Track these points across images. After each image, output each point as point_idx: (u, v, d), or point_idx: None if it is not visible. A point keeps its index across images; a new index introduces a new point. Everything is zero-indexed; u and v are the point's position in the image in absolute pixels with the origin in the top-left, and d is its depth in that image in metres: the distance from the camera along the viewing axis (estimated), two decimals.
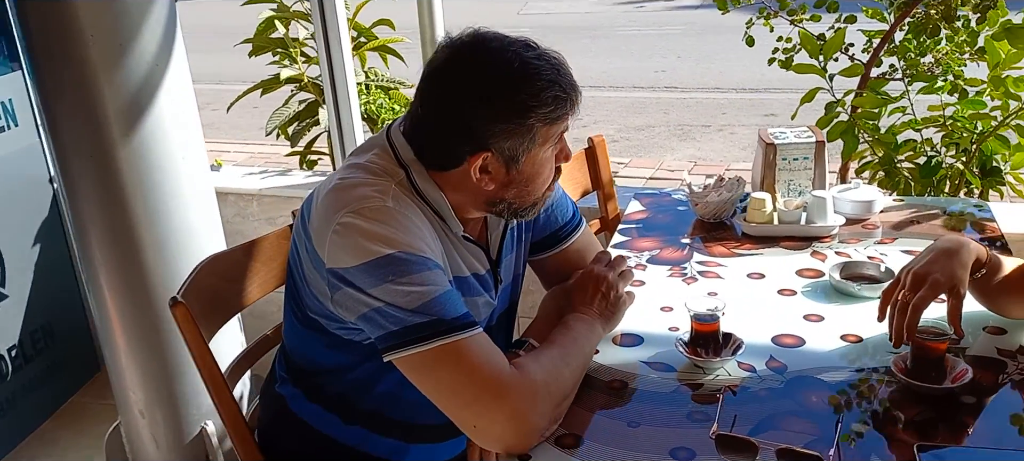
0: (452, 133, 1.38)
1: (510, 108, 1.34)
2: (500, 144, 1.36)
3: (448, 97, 1.37)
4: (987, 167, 2.67)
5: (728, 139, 6.60)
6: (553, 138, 1.41)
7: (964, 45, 2.81)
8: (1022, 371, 1.42)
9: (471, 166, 1.38)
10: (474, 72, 1.36)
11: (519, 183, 1.42)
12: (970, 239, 1.51)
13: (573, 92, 1.39)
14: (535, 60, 1.36)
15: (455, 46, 1.39)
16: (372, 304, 1.31)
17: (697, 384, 1.45)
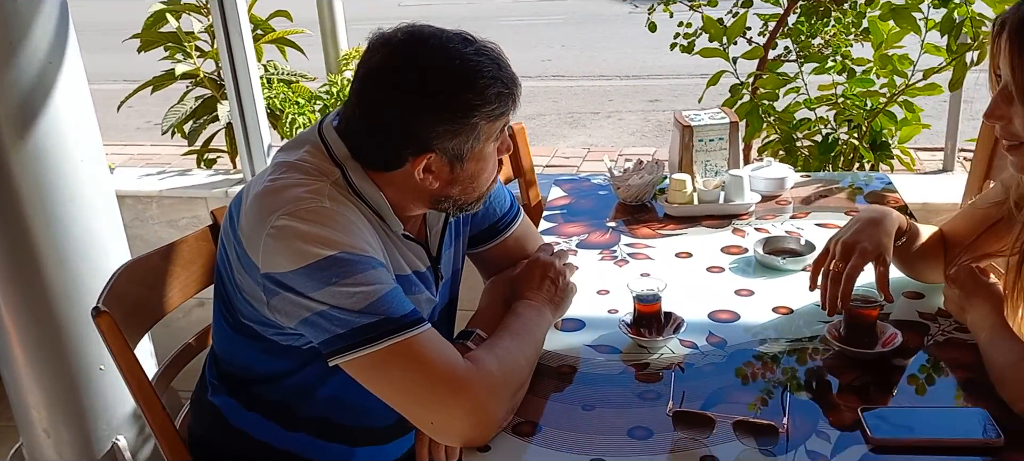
0: (393, 136, 1.34)
1: (454, 109, 1.31)
2: (444, 144, 1.33)
3: (387, 100, 1.32)
4: (877, 142, 2.81)
5: (617, 125, 6.74)
6: (496, 134, 1.39)
7: (850, 27, 2.95)
8: (945, 332, 1.50)
9: (414, 167, 1.35)
10: (414, 73, 1.31)
11: (464, 180, 1.40)
12: (891, 209, 1.58)
13: (515, 86, 1.37)
14: (475, 56, 1.33)
15: (392, 44, 1.33)
16: (315, 308, 1.26)
17: (643, 364, 1.47)
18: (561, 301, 1.58)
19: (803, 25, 2.87)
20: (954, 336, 1.49)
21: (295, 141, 1.46)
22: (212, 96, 2.99)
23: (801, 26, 2.87)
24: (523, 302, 1.52)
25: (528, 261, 1.62)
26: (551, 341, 1.54)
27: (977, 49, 2.58)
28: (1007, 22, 1.24)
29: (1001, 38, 1.25)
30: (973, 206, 1.60)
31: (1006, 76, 1.25)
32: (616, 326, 1.55)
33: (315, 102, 2.90)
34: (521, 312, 1.49)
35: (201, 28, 2.97)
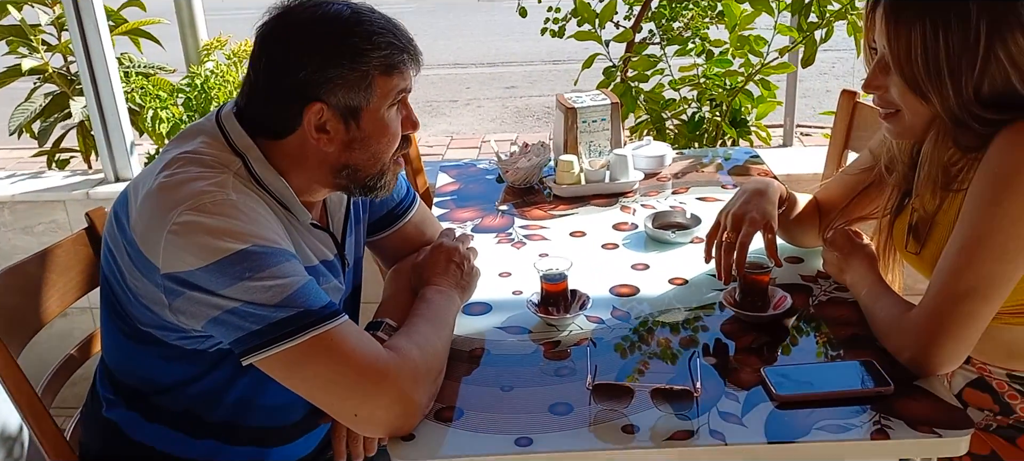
0: (284, 89, 1.30)
1: (341, 52, 1.29)
2: (335, 94, 1.30)
3: (277, 49, 1.30)
4: (737, 119, 2.97)
5: (476, 113, 6.78)
6: (393, 93, 1.35)
7: (707, 10, 3.10)
8: (826, 293, 1.61)
9: (307, 123, 1.31)
10: (303, 20, 1.30)
11: (361, 144, 1.36)
12: (772, 179, 1.68)
13: (410, 46, 1.36)
14: (368, 12, 1.34)
15: (285, 4, 1.33)
16: (225, 305, 1.21)
17: (553, 341, 1.50)
18: (467, 285, 1.58)
19: (665, 9, 2.99)
20: (835, 295, 1.60)
21: (188, 132, 1.39)
22: (63, 92, 2.79)
23: (663, 10, 2.99)
24: (431, 288, 1.51)
25: (432, 247, 1.61)
26: (460, 326, 1.54)
27: (825, 27, 2.76)
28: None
29: (876, 12, 1.35)
30: (844, 173, 1.73)
31: (882, 48, 1.35)
32: (523, 307, 1.57)
33: (177, 95, 2.76)
34: (431, 298, 1.48)
35: (48, 20, 2.77)
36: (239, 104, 1.38)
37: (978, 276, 1.26)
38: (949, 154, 1.35)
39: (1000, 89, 1.28)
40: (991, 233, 1.25)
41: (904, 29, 1.30)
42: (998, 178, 1.26)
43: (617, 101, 2.19)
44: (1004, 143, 1.26)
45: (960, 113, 1.29)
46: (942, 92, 1.29)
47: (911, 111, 1.35)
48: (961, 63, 1.27)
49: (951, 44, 1.27)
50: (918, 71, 1.30)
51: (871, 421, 1.24)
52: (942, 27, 1.27)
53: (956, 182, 1.35)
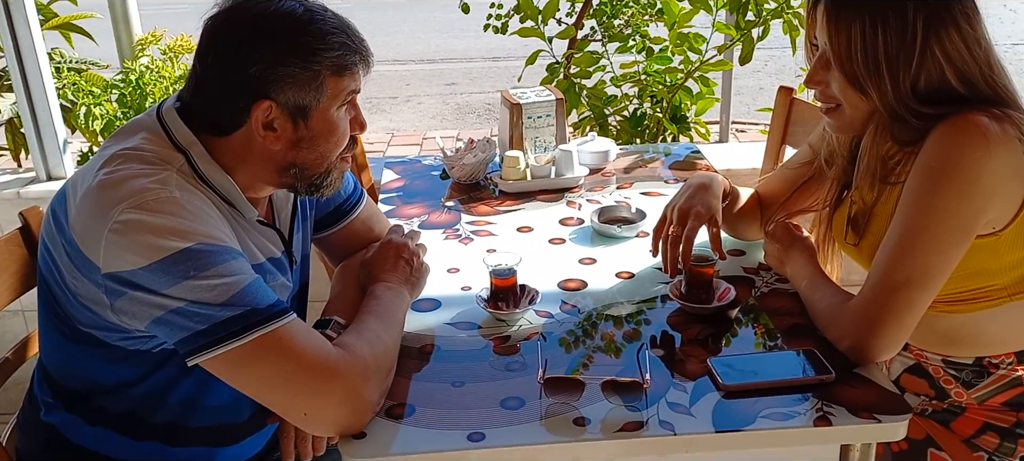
0: (232, 84, 1.28)
1: (293, 51, 1.27)
2: (285, 93, 1.28)
3: (227, 44, 1.28)
4: (677, 115, 3.01)
5: (417, 110, 6.75)
6: (343, 94, 1.34)
7: (647, 8, 3.13)
8: (768, 284, 1.65)
9: (254, 120, 1.29)
10: (256, 17, 1.28)
11: (308, 143, 1.34)
12: (716, 174, 1.71)
13: (362, 48, 1.35)
14: (321, 11, 1.32)
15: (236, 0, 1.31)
16: (170, 305, 1.19)
17: (503, 336, 1.50)
18: (417, 281, 1.58)
19: (606, 6, 3.02)
20: (776, 287, 1.63)
21: (128, 128, 1.36)
22: None
23: (604, 7, 3.01)
24: (381, 284, 1.50)
25: (381, 243, 1.60)
26: (409, 322, 1.53)
27: (762, 25, 2.82)
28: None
29: (817, 9, 1.38)
30: (784, 167, 1.77)
31: (822, 44, 1.39)
32: (472, 302, 1.58)
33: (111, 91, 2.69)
34: (380, 295, 1.48)
35: None
36: (182, 99, 1.35)
37: (915, 266, 1.31)
38: (887, 148, 1.40)
39: (936, 84, 1.33)
40: (927, 225, 1.30)
41: (844, 25, 1.33)
42: (933, 171, 1.30)
43: (561, 97, 2.21)
44: (939, 137, 1.31)
45: (898, 107, 1.34)
46: (880, 87, 1.33)
47: (851, 106, 1.39)
48: (898, 58, 1.31)
49: (889, 40, 1.31)
50: (857, 66, 1.34)
51: (814, 408, 1.27)
52: (880, 23, 1.31)
53: (893, 175, 1.40)
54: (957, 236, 1.30)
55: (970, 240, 1.32)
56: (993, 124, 1.28)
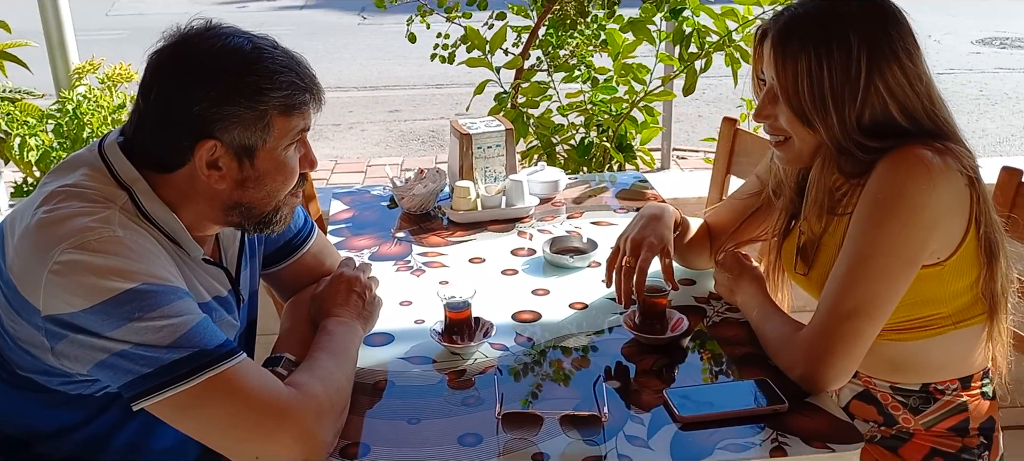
0: (176, 122, 1.25)
1: (240, 90, 1.25)
2: (230, 132, 1.26)
3: (171, 80, 1.25)
4: (623, 144, 3.04)
5: (360, 137, 6.70)
6: (292, 133, 1.32)
7: (591, 38, 3.17)
8: (719, 314, 1.67)
9: (198, 159, 1.26)
10: (202, 53, 1.25)
11: (254, 183, 1.32)
12: (667, 204, 1.73)
13: (313, 86, 1.33)
14: (269, 48, 1.29)
15: (182, 32, 1.28)
16: (113, 348, 1.15)
17: (459, 370, 1.49)
18: (370, 315, 1.56)
19: (552, 37, 3.04)
20: (727, 316, 1.65)
21: (68, 164, 1.32)
22: None
23: (550, 38, 3.04)
24: (333, 320, 1.48)
25: (332, 277, 1.58)
26: (362, 357, 1.51)
27: (704, 58, 2.87)
28: (769, 32, 1.41)
29: (763, 46, 1.42)
30: (733, 198, 1.79)
31: (770, 79, 1.42)
32: (426, 336, 1.56)
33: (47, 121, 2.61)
34: (333, 330, 1.45)
35: None
36: (125, 133, 1.32)
37: (863, 296, 1.33)
38: (834, 180, 1.43)
39: (880, 118, 1.36)
40: (874, 255, 1.33)
41: (790, 61, 1.37)
42: (878, 203, 1.33)
43: (511, 127, 2.21)
44: (884, 170, 1.34)
45: (844, 141, 1.37)
46: (827, 120, 1.37)
47: (799, 138, 1.42)
48: (844, 93, 1.35)
49: (834, 75, 1.34)
50: (804, 100, 1.37)
51: (769, 439, 1.29)
52: (825, 59, 1.34)
53: (840, 206, 1.43)
54: (903, 266, 1.34)
55: (915, 270, 1.35)
56: (936, 157, 1.32)
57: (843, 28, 1.35)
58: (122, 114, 2.72)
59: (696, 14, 2.83)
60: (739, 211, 1.74)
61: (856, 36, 1.34)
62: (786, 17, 1.39)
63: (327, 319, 1.48)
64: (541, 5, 2.96)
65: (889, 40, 1.35)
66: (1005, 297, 1.44)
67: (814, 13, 1.38)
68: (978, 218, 1.37)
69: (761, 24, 1.45)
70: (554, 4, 2.97)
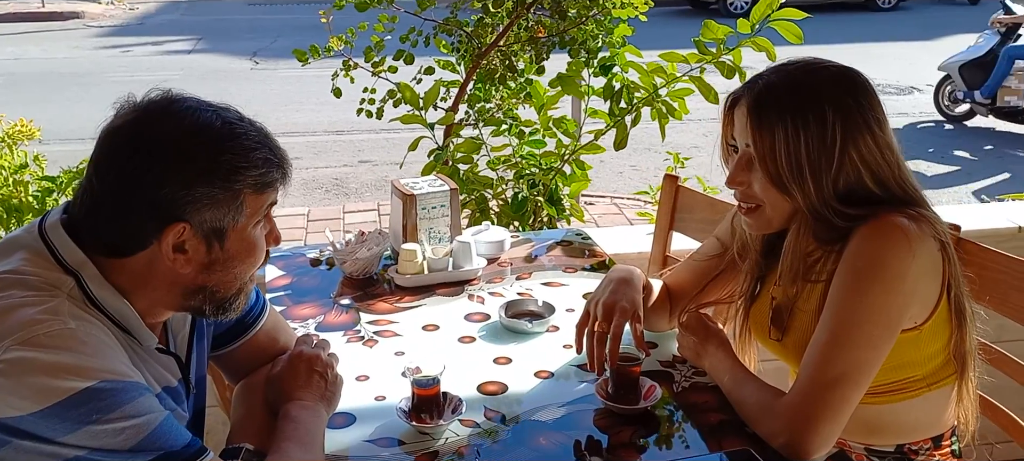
0: (139, 204, 1.14)
1: (214, 171, 1.16)
2: (200, 214, 1.16)
3: (135, 161, 1.14)
4: (553, 197, 3.03)
5: None
6: (262, 211, 1.24)
7: (517, 92, 3.16)
8: (687, 379, 1.64)
9: (163, 245, 1.16)
10: (169, 130, 1.15)
11: (222, 265, 1.22)
12: (634, 267, 1.70)
13: (283, 160, 1.25)
14: (238, 121, 1.21)
15: (142, 106, 1.18)
16: (66, 454, 1.04)
17: (431, 452, 1.40)
18: (332, 396, 1.46)
19: (480, 91, 3.01)
20: (696, 381, 1.62)
21: (3, 247, 1.18)
22: None
23: (478, 92, 3.01)
24: (296, 404, 1.37)
25: (290, 357, 1.47)
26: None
27: (634, 113, 2.89)
28: (740, 99, 1.41)
29: (734, 111, 1.42)
30: (693, 259, 1.78)
31: (743, 146, 1.42)
32: (391, 414, 1.47)
33: None
34: (296, 416, 1.35)
35: None
36: (70, 213, 1.19)
37: (848, 363, 1.33)
38: (808, 246, 1.43)
39: (853, 185, 1.38)
40: (858, 322, 1.33)
41: (767, 129, 1.37)
42: (860, 271, 1.34)
43: (455, 187, 2.15)
44: (863, 238, 1.35)
45: (820, 208, 1.38)
46: (804, 188, 1.37)
47: (772, 205, 1.42)
48: (820, 161, 1.36)
49: (811, 144, 1.35)
50: (782, 168, 1.37)
51: None
52: (802, 127, 1.35)
53: (813, 273, 1.43)
54: (886, 332, 1.34)
55: (896, 335, 1.36)
56: (912, 225, 1.34)
57: (818, 98, 1.36)
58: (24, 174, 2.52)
59: (625, 71, 2.85)
60: (700, 273, 1.73)
61: (830, 106, 1.36)
62: (761, 86, 1.40)
63: (289, 404, 1.37)
64: (469, 60, 2.93)
65: (861, 110, 1.37)
66: (973, 357, 1.47)
67: (788, 83, 1.39)
68: (950, 282, 1.40)
69: (731, 92, 1.45)
70: (482, 59, 2.94)
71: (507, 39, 2.92)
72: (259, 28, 14.57)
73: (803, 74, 1.40)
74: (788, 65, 1.43)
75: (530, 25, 2.94)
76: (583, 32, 2.87)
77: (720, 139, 1.50)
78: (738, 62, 2.70)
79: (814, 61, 1.44)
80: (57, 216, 1.20)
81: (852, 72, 1.42)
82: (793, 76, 1.40)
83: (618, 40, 2.89)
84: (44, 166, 2.65)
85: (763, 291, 1.57)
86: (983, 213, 3.02)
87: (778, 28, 2.63)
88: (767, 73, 1.43)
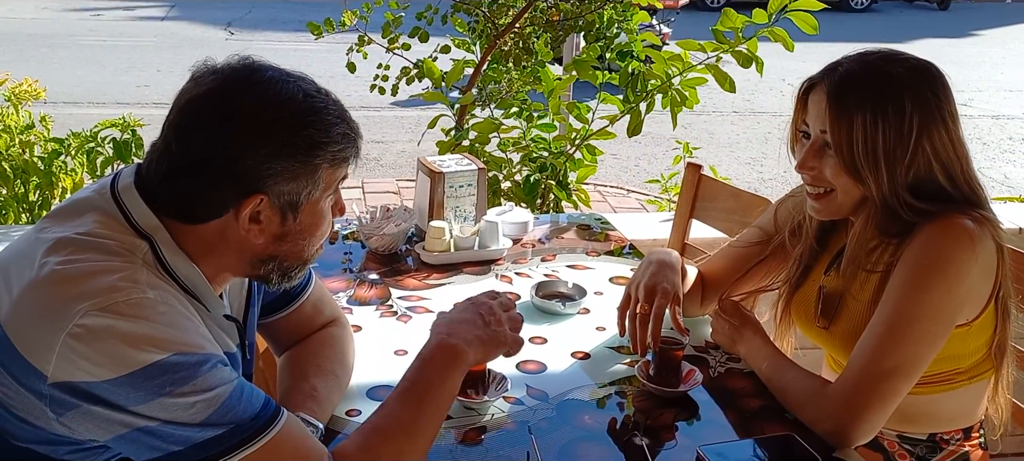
0: (220, 174, 1.12)
1: (296, 144, 1.14)
2: (279, 187, 1.15)
3: (218, 130, 1.12)
4: (562, 182, 3.03)
5: None
6: (335, 185, 1.23)
7: (528, 74, 3.15)
8: (722, 364, 1.65)
9: (239, 214, 1.15)
10: (252, 101, 1.13)
11: (294, 236, 1.21)
12: (672, 249, 1.71)
13: (358, 134, 1.24)
14: (317, 93, 1.19)
15: (223, 73, 1.15)
16: (138, 424, 1.03)
17: (478, 427, 1.41)
18: (491, 342, 1.36)
19: (492, 72, 3.00)
20: (731, 367, 1.64)
21: (72, 208, 1.16)
22: None
23: (491, 73, 3.00)
24: (436, 339, 1.32)
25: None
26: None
27: (648, 100, 2.90)
28: (818, 85, 1.42)
29: (809, 98, 1.43)
30: (732, 247, 1.79)
31: (816, 132, 1.43)
32: None
33: None
34: (425, 356, 1.30)
35: None
36: (143, 176, 1.17)
37: (904, 356, 1.35)
38: (871, 236, 1.45)
39: (923, 178, 1.40)
40: (918, 318, 1.35)
41: (846, 117, 1.38)
42: (924, 268, 1.36)
43: (483, 167, 2.15)
44: (930, 236, 1.37)
45: (891, 198, 1.40)
46: (878, 177, 1.39)
47: (843, 191, 1.44)
48: (896, 152, 1.37)
49: (888, 134, 1.37)
50: (858, 155, 1.38)
51: None
52: (881, 117, 1.37)
53: (870, 262, 1.45)
54: (942, 329, 1.37)
55: (950, 332, 1.39)
56: (977, 227, 1.37)
57: (898, 89, 1.38)
58: (30, 135, 2.47)
59: (641, 57, 2.86)
60: (738, 260, 1.74)
61: (909, 98, 1.37)
62: (841, 73, 1.41)
63: (433, 337, 1.32)
64: (486, 40, 2.92)
65: (937, 103, 1.39)
66: (1010, 354, 1.50)
67: (869, 72, 1.41)
68: (1001, 282, 1.43)
69: (808, 78, 1.46)
70: (498, 40, 2.93)
71: (523, 21, 2.91)
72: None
73: (883, 63, 1.42)
74: (867, 54, 1.44)
75: (547, 8, 2.93)
76: (599, 17, 2.87)
77: (790, 124, 1.51)
78: (754, 51, 2.73)
79: (893, 52, 1.45)
80: (130, 178, 1.17)
81: (930, 65, 1.44)
82: (873, 65, 1.42)
83: (634, 26, 2.89)
84: (50, 127, 2.60)
85: (809, 279, 1.59)
86: None
87: (794, 19, 2.66)
88: (846, 61, 1.44)
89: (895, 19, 16.75)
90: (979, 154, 7.64)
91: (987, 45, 13.94)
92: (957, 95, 1.45)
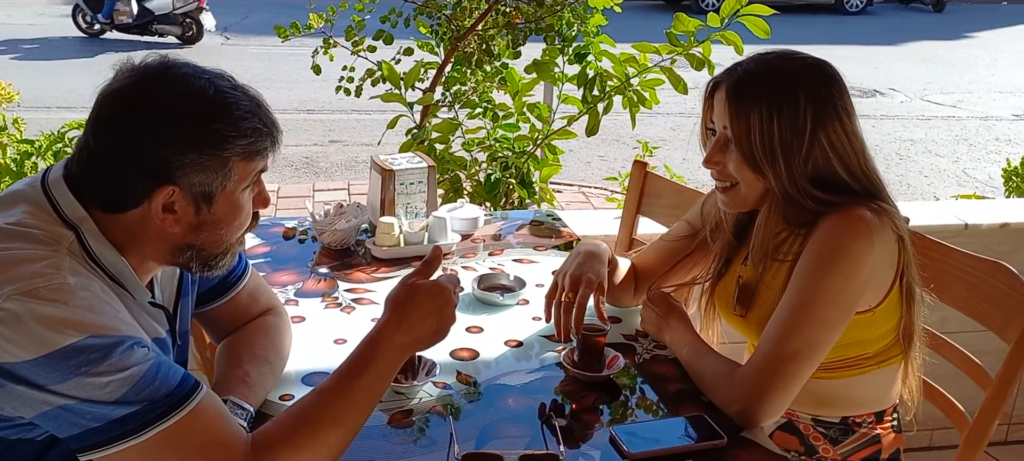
0: (134, 165, 1.20)
1: (204, 137, 1.21)
2: (189, 178, 1.22)
3: (130, 122, 1.19)
4: (525, 181, 3.11)
5: None
6: (250, 177, 1.30)
7: (492, 75, 3.23)
8: (648, 350, 1.73)
9: (153, 204, 1.22)
10: (163, 96, 1.20)
11: (210, 226, 1.28)
12: (601, 242, 1.78)
13: (273, 128, 1.30)
14: (231, 90, 1.25)
15: (140, 70, 1.22)
16: (57, 402, 1.10)
17: (405, 411, 1.48)
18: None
19: (457, 73, 3.08)
20: (656, 353, 1.71)
21: (5, 199, 1.24)
22: None
23: (455, 74, 3.07)
24: (379, 334, 1.35)
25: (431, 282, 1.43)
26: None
27: (606, 101, 2.98)
28: (721, 84, 1.50)
29: (714, 97, 1.51)
30: (663, 239, 1.86)
31: (721, 128, 1.51)
32: None
33: None
34: (362, 352, 1.33)
35: None
36: (69, 169, 1.24)
37: (804, 340, 1.43)
38: (777, 227, 1.53)
39: (822, 170, 1.48)
40: (817, 303, 1.43)
41: (743, 111, 1.46)
42: (824, 257, 1.44)
43: (432, 164, 2.22)
44: (830, 227, 1.45)
45: (791, 189, 1.47)
46: (776, 169, 1.47)
47: (746, 185, 1.52)
48: (792, 144, 1.45)
49: (784, 127, 1.45)
50: (756, 148, 1.46)
51: None
52: (776, 111, 1.45)
53: (780, 252, 1.53)
54: (841, 314, 1.45)
55: (850, 318, 1.46)
56: (875, 218, 1.44)
57: (793, 86, 1.46)
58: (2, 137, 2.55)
59: (599, 59, 2.93)
60: (668, 253, 1.81)
61: (803, 94, 1.45)
62: (739, 72, 1.49)
63: (377, 328, 1.34)
64: (448, 42, 2.99)
65: (831, 99, 1.47)
66: (919, 337, 1.58)
67: (766, 70, 1.49)
68: (903, 270, 1.50)
69: (713, 77, 1.54)
70: (460, 42, 3.00)
71: (485, 24, 2.99)
72: (229, 3, 14.46)
73: (780, 61, 1.50)
74: (766, 54, 1.52)
75: (508, 11, 3.01)
76: (559, 20, 2.95)
77: (700, 123, 1.59)
78: (707, 54, 2.80)
79: (790, 51, 1.53)
80: (59, 172, 1.25)
81: (824, 63, 1.52)
82: (770, 64, 1.50)
83: (593, 29, 2.97)
84: (22, 130, 2.68)
85: (730, 270, 1.67)
86: (933, 210, 3.15)
87: (746, 23, 2.73)
88: (746, 61, 1.52)
89: (890, 21, 16.82)
90: (965, 155, 7.71)
91: (980, 47, 13.99)
92: (947, 97, 1.54)
